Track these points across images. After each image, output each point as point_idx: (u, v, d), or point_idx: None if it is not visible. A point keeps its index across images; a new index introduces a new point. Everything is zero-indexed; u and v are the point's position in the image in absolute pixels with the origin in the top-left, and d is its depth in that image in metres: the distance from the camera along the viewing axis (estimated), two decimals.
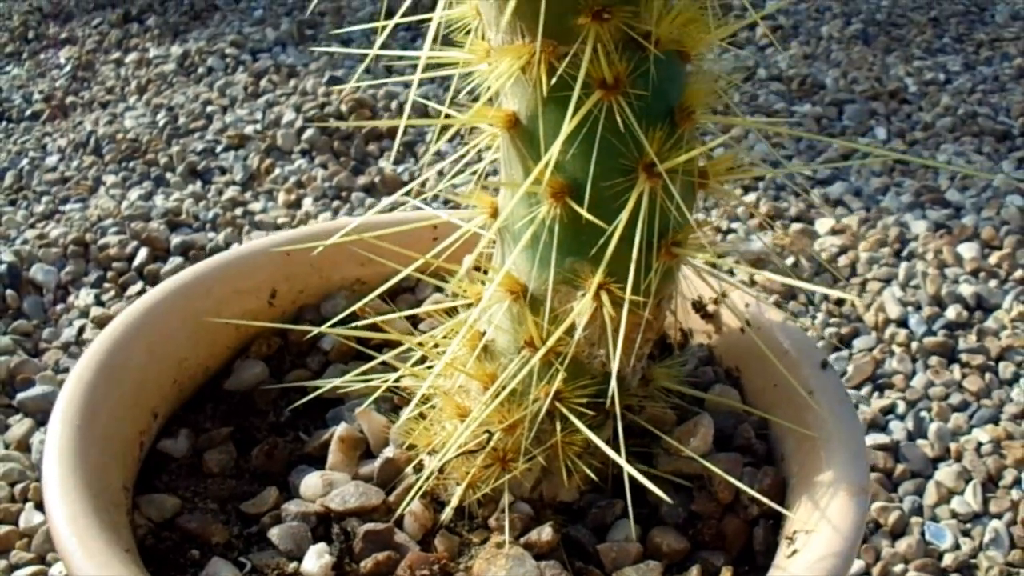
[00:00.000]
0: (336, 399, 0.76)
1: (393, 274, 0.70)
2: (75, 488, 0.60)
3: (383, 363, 0.69)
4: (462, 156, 0.64)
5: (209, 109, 1.81)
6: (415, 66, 0.57)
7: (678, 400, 0.69)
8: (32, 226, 1.54)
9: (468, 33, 0.61)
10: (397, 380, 0.67)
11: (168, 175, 1.62)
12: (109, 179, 1.63)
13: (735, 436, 0.71)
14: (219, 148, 1.67)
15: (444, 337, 0.65)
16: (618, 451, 0.57)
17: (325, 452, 0.72)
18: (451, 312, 0.68)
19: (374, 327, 0.71)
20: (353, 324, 0.72)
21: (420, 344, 0.66)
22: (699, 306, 0.78)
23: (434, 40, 0.58)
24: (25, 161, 1.73)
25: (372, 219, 0.76)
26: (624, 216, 0.56)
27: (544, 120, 0.57)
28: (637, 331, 0.63)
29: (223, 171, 1.62)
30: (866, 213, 1.50)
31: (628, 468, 0.57)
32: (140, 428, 0.71)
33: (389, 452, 0.70)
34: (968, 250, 1.43)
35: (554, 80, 0.55)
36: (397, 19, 0.57)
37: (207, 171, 1.62)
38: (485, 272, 0.65)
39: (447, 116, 0.63)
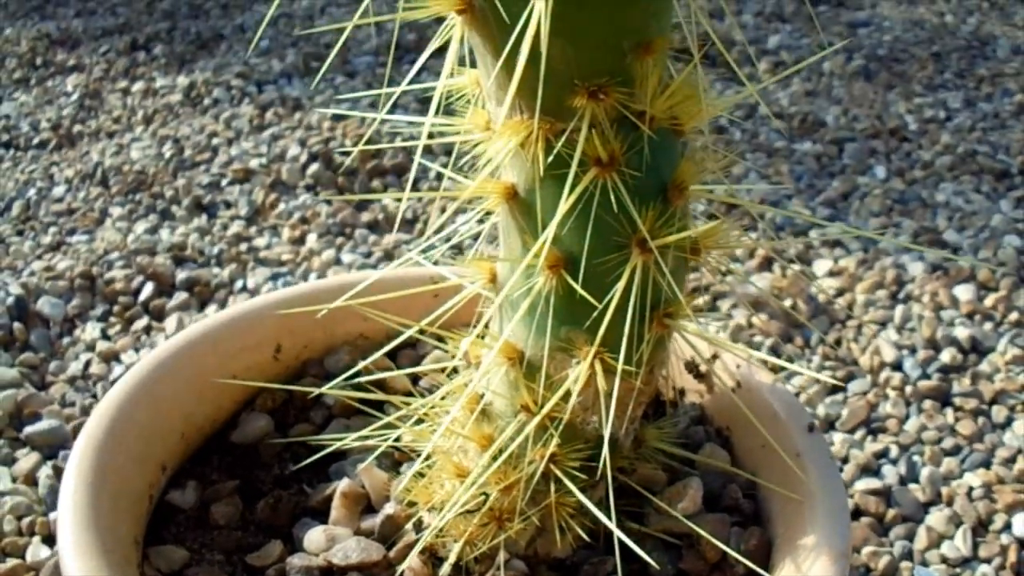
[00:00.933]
0: (339, 453, 0.79)
1: (395, 329, 0.72)
2: (90, 545, 0.63)
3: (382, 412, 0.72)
4: (462, 213, 0.67)
5: (215, 141, 1.84)
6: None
7: (669, 461, 0.72)
8: (39, 257, 1.57)
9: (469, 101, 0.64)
10: (397, 439, 0.70)
11: (174, 208, 1.65)
12: (115, 211, 1.66)
13: (723, 496, 0.74)
14: (224, 181, 1.70)
15: (443, 398, 0.68)
16: (609, 512, 0.60)
17: (328, 505, 0.75)
18: (450, 371, 0.71)
19: (377, 384, 0.74)
20: (355, 380, 0.75)
21: (421, 406, 0.69)
22: (692, 366, 0.81)
23: (436, 108, 0.61)
24: (32, 191, 1.76)
25: (374, 277, 0.79)
26: (618, 289, 0.59)
27: (541, 194, 0.60)
28: (630, 396, 0.66)
29: (228, 205, 1.65)
30: (864, 254, 1.52)
31: (617, 532, 0.60)
32: (149, 482, 0.74)
33: (390, 508, 0.73)
34: (964, 292, 1.45)
35: (551, 158, 0.57)
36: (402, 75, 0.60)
37: (212, 205, 1.65)
38: (483, 335, 0.68)
39: (452, 180, 0.65)
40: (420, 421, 0.70)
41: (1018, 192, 1.74)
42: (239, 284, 1.44)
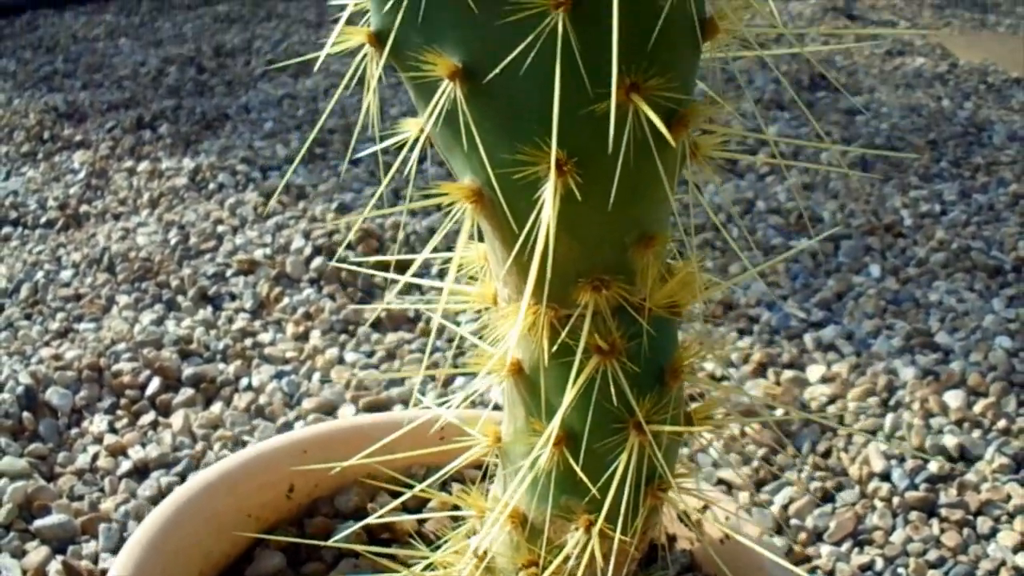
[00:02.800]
0: None
1: (403, 467, 0.77)
2: None
3: (391, 556, 0.77)
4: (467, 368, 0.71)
5: (220, 229, 1.89)
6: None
7: None
8: (47, 343, 1.61)
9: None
10: None
11: (179, 298, 1.70)
12: (122, 299, 1.71)
13: None
14: (229, 272, 1.75)
15: (450, 552, 0.73)
16: None
17: None
18: (456, 517, 0.75)
19: (384, 527, 0.78)
20: (365, 521, 0.79)
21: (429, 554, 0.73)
22: (683, 516, 0.85)
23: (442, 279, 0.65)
24: (40, 274, 1.81)
25: (381, 421, 0.84)
26: (617, 467, 0.64)
27: (546, 376, 0.65)
28: (625, 556, 0.70)
29: (233, 297, 1.70)
30: (857, 359, 1.57)
31: None
32: None
33: None
34: (954, 398, 1.50)
35: (555, 347, 0.62)
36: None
37: (218, 296, 1.70)
38: (482, 478, 0.73)
39: (455, 365, 0.70)
40: (429, 567, 0.74)
41: (1011, 290, 1.79)
42: (244, 382, 1.48)
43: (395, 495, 0.87)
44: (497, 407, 0.73)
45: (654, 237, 0.60)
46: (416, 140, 0.61)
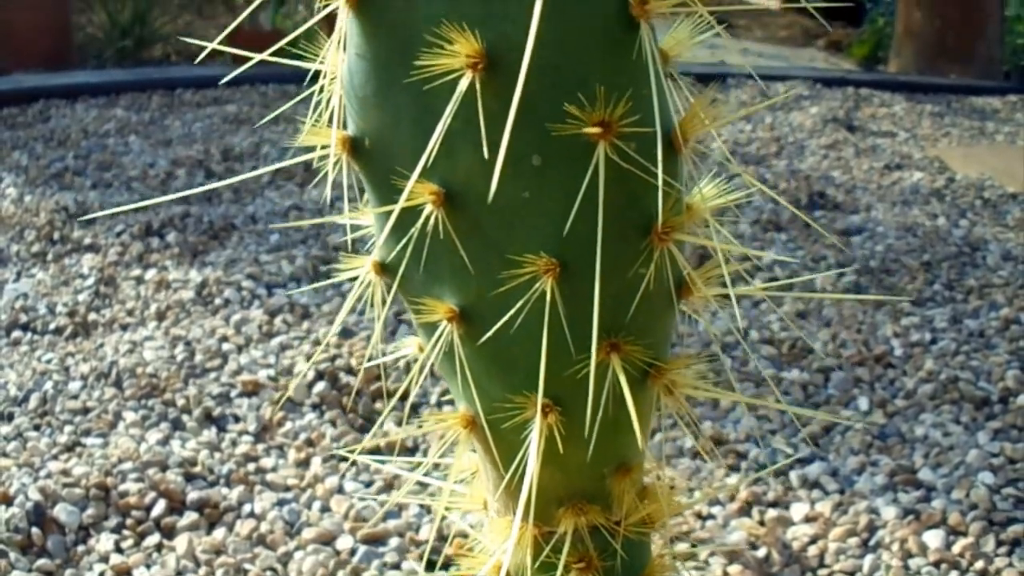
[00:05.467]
0: None
1: None
2: None
3: None
4: None
5: (225, 347, 1.97)
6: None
7: None
8: (55, 457, 1.68)
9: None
10: None
11: (184, 417, 1.77)
12: (129, 416, 1.78)
13: None
14: (234, 393, 1.83)
15: None
16: None
17: None
18: None
19: None
20: None
21: None
22: None
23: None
24: (49, 384, 1.89)
25: None
26: None
27: None
28: None
29: (237, 419, 1.77)
30: (840, 496, 1.64)
31: None
32: None
33: None
34: (934, 538, 1.56)
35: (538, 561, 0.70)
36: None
37: (222, 417, 1.78)
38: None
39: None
40: None
41: (996, 423, 1.86)
42: (247, 508, 1.56)
43: None
44: None
45: (630, 468, 0.68)
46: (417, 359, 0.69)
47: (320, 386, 1.83)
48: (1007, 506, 1.63)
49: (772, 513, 1.59)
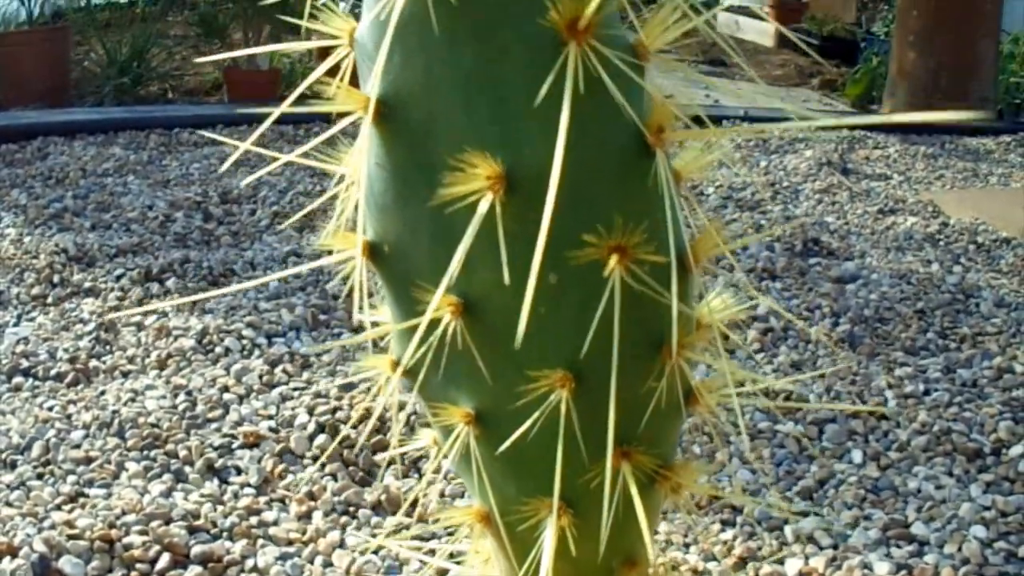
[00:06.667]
0: None
1: None
2: None
3: None
4: None
5: (226, 397, 2.00)
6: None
7: None
8: (59, 507, 1.71)
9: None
10: None
11: (187, 469, 1.80)
12: (131, 467, 1.81)
13: None
14: (235, 445, 1.86)
15: None
16: None
17: None
18: None
19: None
20: None
21: None
22: None
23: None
24: (52, 432, 1.91)
25: None
26: None
27: None
28: None
29: (239, 471, 1.80)
30: (834, 551, 1.67)
31: None
32: None
33: None
34: None
35: None
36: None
37: (224, 469, 1.80)
38: None
39: None
40: None
41: (988, 475, 1.89)
42: (250, 563, 1.58)
43: None
44: None
45: (637, 561, 0.71)
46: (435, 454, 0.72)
47: (321, 438, 1.86)
48: (999, 560, 1.66)
49: (767, 569, 1.62)
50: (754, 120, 4.60)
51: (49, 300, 2.55)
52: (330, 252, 0.70)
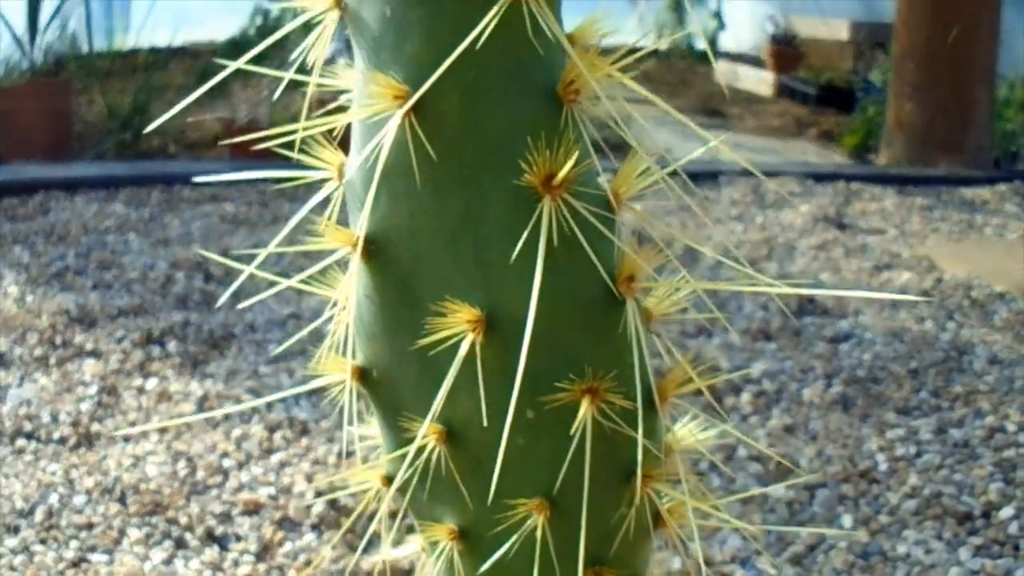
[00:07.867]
0: None
1: None
2: None
3: None
4: None
5: (226, 463, 2.04)
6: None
7: None
8: (62, 573, 1.75)
9: None
10: None
11: (187, 535, 1.84)
12: (133, 533, 1.85)
13: None
14: (235, 512, 1.90)
15: None
16: None
17: None
18: None
19: None
20: None
21: None
22: None
23: None
24: (55, 497, 1.95)
25: None
26: None
27: None
28: None
29: (238, 538, 1.84)
30: None
31: None
32: None
33: None
34: None
35: None
36: None
37: (224, 537, 1.84)
38: None
39: None
40: None
41: (978, 539, 1.92)
42: None
43: None
44: None
45: None
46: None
47: (319, 507, 1.90)
48: None
49: None
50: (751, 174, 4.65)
51: (51, 361, 2.59)
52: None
